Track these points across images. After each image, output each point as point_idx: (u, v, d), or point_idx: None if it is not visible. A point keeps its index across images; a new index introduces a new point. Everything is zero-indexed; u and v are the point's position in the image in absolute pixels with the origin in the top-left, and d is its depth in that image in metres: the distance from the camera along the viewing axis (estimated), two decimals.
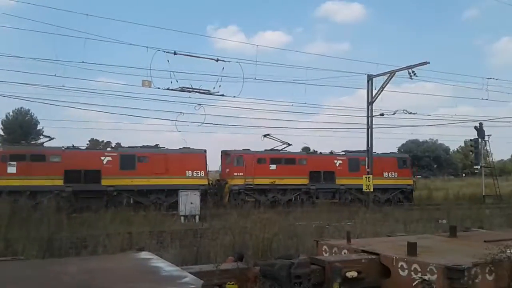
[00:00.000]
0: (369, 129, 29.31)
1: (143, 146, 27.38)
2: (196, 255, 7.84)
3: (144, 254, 4.82)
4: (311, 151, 32.90)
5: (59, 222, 12.75)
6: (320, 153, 31.67)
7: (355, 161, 30.42)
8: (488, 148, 34.47)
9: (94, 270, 4.02)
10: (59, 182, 23.89)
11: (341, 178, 29.83)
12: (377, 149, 32.49)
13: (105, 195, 24.69)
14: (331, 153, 31.10)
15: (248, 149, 28.85)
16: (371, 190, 27.85)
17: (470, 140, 33.21)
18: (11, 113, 52.60)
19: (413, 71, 27.45)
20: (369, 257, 4.72)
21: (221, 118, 61.36)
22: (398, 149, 52.75)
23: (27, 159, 23.97)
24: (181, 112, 25.61)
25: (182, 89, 24.60)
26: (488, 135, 32.42)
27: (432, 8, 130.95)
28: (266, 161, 28.74)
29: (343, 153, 31.52)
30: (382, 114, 29.77)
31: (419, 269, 4.21)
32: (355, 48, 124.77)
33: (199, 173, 26.54)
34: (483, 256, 4.23)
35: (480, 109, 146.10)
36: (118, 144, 37.74)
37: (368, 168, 28.59)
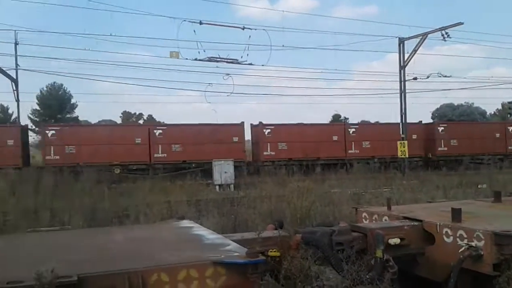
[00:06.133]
0: (402, 94, 28.67)
1: None
2: (235, 223, 7.94)
3: (186, 223, 4.89)
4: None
5: (101, 193, 13.16)
6: None
7: None
8: None
9: (139, 239, 4.12)
10: None
11: None
12: (410, 115, 31.36)
13: None
14: None
15: None
16: (407, 156, 27.54)
17: (509, 102, 31.93)
18: (45, 88, 53.53)
19: (446, 33, 26.43)
20: (412, 223, 4.63)
21: (249, 87, 60.70)
22: (432, 114, 51.12)
23: None
24: (210, 83, 25.58)
25: (210, 59, 24.47)
26: None
27: None
28: None
29: None
30: (415, 78, 28.99)
31: (465, 236, 4.09)
32: (383, 10, 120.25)
33: None
34: None
35: None
36: (150, 116, 37.94)
37: (403, 134, 28.25)
